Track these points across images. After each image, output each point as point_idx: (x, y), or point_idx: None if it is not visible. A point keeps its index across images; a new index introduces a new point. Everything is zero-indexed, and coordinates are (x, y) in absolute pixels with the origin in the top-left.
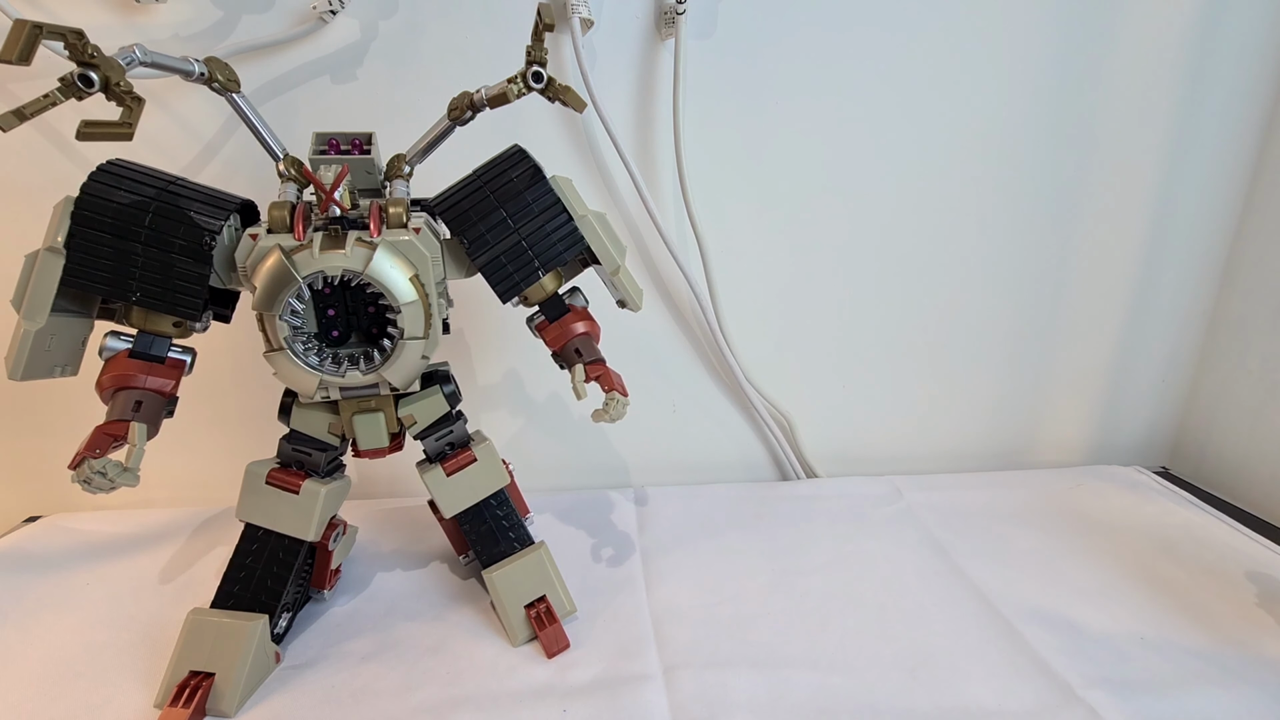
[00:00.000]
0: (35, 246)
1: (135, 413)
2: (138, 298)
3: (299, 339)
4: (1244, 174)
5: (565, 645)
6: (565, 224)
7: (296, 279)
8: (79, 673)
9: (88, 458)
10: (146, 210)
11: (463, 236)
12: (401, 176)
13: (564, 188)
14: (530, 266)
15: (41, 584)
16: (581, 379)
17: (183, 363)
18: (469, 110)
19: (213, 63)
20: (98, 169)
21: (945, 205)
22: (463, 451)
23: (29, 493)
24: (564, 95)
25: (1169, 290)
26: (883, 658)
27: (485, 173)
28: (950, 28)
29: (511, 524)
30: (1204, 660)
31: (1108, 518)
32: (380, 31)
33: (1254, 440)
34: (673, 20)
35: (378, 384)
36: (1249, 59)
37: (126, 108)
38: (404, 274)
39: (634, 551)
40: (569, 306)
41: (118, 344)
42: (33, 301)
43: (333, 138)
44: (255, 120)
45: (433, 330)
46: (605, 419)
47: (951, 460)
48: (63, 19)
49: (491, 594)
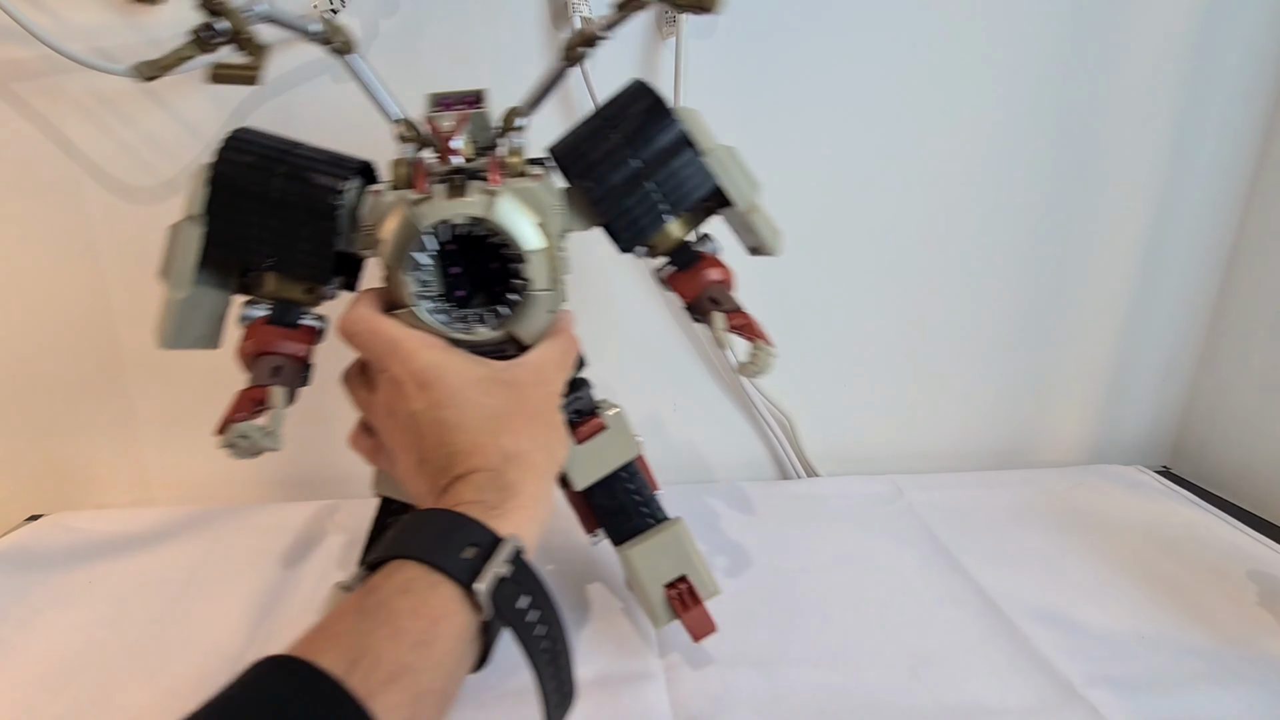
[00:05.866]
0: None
1: (275, 377)
2: (270, 263)
3: (426, 297)
4: (1245, 173)
5: (712, 628)
6: (693, 160)
7: (421, 229)
8: (80, 671)
9: (234, 421)
10: (275, 174)
11: (584, 180)
12: (515, 129)
13: (690, 120)
14: (655, 210)
15: (43, 582)
16: (722, 327)
17: (315, 329)
18: (583, 45)
19: (329, 24)
20: (228, 137)
21: (946, 204)
22: (591, 418)
23: (31, 491)
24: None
25: (1170, 289)
26: (884, 656)
27: (605, 110)
28: (951, 28)
29: (644, 498)
30: (1205, 659)
31: (1109, 517)
32: (381, 30)
33: (1256, 439)
34: (674, 19)
35: (505, 344)
36: (1250, 59)
37: (253, 53)
38: (531, 220)
39: None
40: (699, 254)
41: (255, 311)
42: (176, 272)
43: (444, 97)
44: (370, 83)
45: (559, 284)
46: (753, 372)
47: (953, 459)
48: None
49: (629, 573)
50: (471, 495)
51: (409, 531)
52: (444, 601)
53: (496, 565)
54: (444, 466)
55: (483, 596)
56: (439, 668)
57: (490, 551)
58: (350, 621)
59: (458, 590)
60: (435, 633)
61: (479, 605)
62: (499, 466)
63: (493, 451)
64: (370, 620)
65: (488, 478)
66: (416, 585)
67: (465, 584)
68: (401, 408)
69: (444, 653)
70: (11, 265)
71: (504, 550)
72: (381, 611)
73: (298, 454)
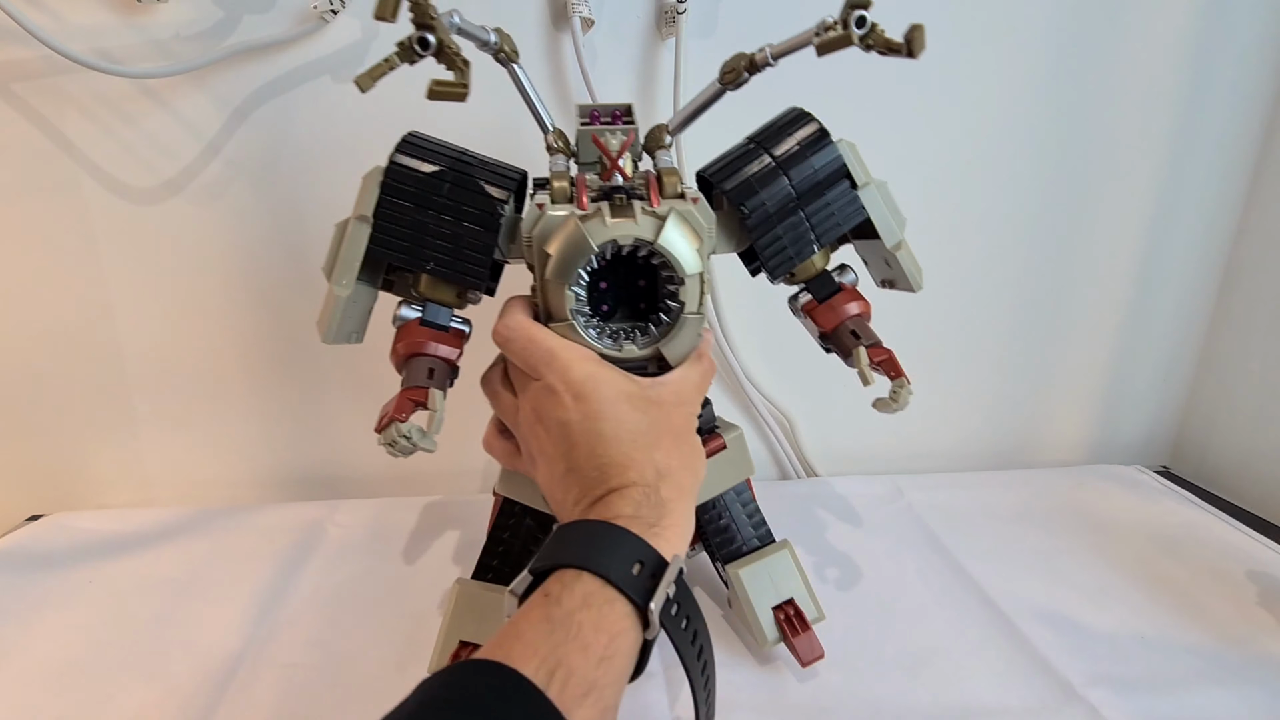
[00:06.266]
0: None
1: (429, 379)
2: (431, 267)
3: (580, 312)
4: (1245, 173)
5: (821, 653)
6: (847, 192)
7: (592, 248)
8: (81, 670)
9: (396, 420)
10: (444, 180)
11: (742, 205)
12: (663, 147)
13: (849, 152)
14: (806, 239)
15: (44, 582)
16: (866, 364)
17: (464, 333)
18: (746, 72)
19: (500, 33)
20: (403, 141)
21: (946, 204)
22: (712, 437)
23: (31, 491)
24: (888, 43)
25: (1170, 289)
26: (884, 656)
27: (764, 137)
28: (951, 28)
29: (754, 519)
30: (1204, 659)
31: (1109, 517)
32: (381, 31)
33: (1255, 439)
34: (673, 19)
35: (646, 362)
36: (1249, 59)
37: (458, 69)
38: (691, 244)
39: None
40: (839, 285)
41: (410, 313)
42: (342, 269)
43: (594, 109)
44: (531, 91)
45: (704, 306)
46: (893, 408)
47: (952, 459)
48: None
49: (738, 592)
50: (630, 510)
51: (577, 543)
52: (619, 618)
53: (666, 585)
54: (597, 478)
55: (654, 616)
56: (618, 683)
57: (655, 570)
58: (542, 631)
59: (631, 608)
60: (615, 648)
61: (648, 623)
62: (653, 482)
63: (647, 467)
64: (561, 632)
65: (643, 493)
66: (595, 599)
67: (639, 603)
68: (554, 416)
69: (621, 669)
70: (11, 265)
71: (671, 571)
72: (570, 624)
73: (298, 454)
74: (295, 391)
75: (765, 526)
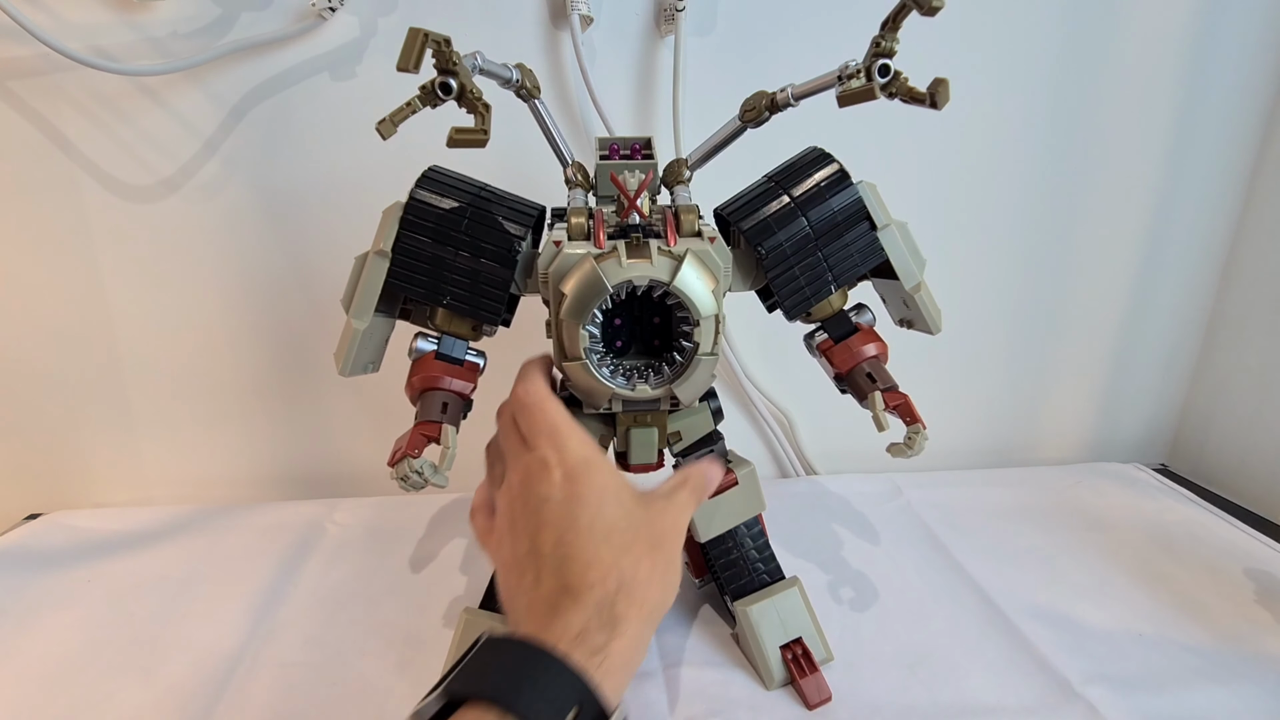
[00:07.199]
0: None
1: (443, 414)
2: (448, 301)
3: (594, 351)
4: (1243, 172)
5: (829, 696)
6: (866, 233)
7: (607, 288)
8: (79, 670)
9: (408, 456)
10: (464, 216)
11: (760, 245)
12: (682, 182)
13: (869, 194)
14: (823, 280)
15: (42, 581)
16: (882, 409)
17: (478, 366)
18: (767, 110)
19: (522, 69)
20: (423, 177)
21: (945, 203)
22: (724, 471)
23: (30, 490)
24: (912, 92)
25: (1168, 288)
26: (882, 654)
27: (783, 177)
28: (951, 27)
29: (764, 555)
30: (1202, 657)
31: (1107, 515)
32: (379, 29)
33: (1252, 437)
34: (672, 17)
35: (659, 399)
36: (1248, 59)
37: (479, 114)
38: (707, 286)
39: None
40: (856, 325)
41: (426, 345)
42: (360, 302)
43: (613, 142)
44: (551, 126)
45: (718, 345)
46: (908, 454)
47: (951, 458)
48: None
49: (745, 630)
50: (579, 623)
51: (506, 670)
52: None
53: None
54: (555, 568)
55: None
56: None
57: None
58: None
59: None
60: None
61: None
62: (611, 594)
63: (610, 571)
64: None
65: (597, 605)
66: None
67: None
68: (538, 490)
69: None
70: (9, 264)
71: None
72: None
73: (296, 452)
74: (293, 389)
75: (775, 562)
